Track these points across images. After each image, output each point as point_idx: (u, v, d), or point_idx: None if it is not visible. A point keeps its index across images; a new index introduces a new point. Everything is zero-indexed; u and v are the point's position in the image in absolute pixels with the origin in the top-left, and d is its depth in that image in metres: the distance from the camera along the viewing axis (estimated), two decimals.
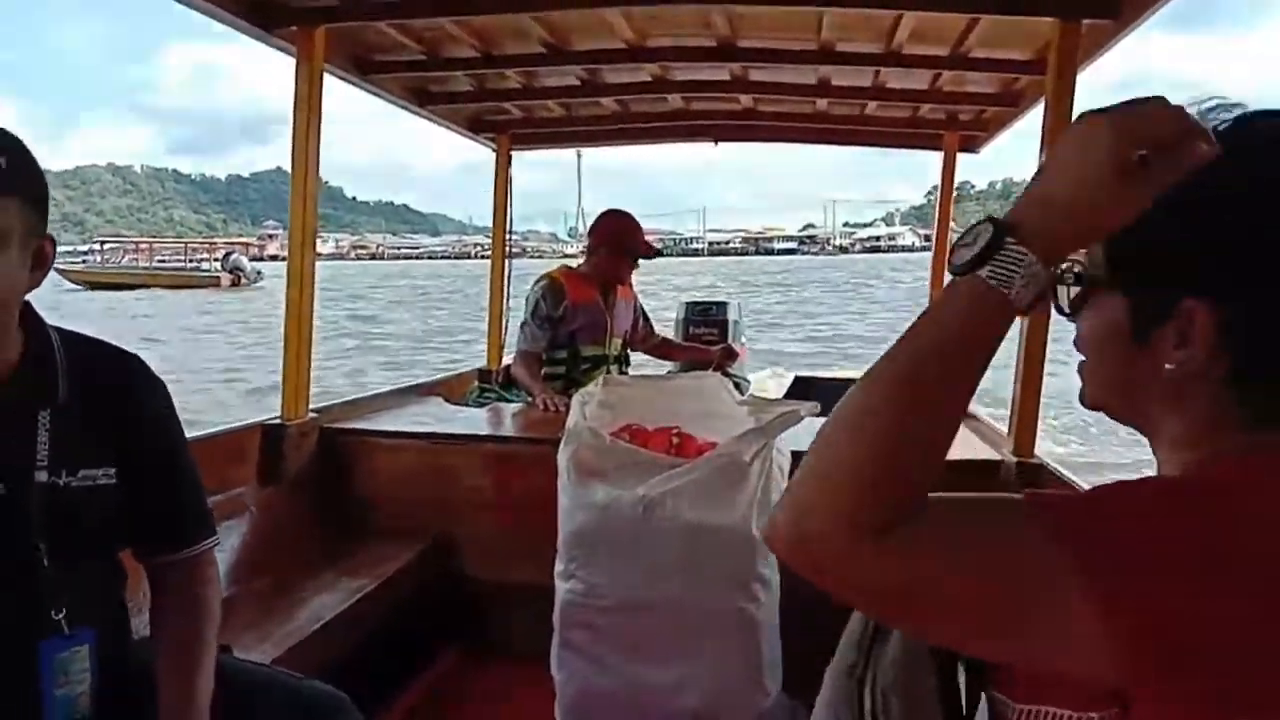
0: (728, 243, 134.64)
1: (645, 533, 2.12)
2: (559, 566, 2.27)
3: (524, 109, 4.20)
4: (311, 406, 3.03)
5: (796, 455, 2.36)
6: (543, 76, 3.73)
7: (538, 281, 3.54)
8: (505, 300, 4.62)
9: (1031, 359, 2.63)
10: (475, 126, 4.36)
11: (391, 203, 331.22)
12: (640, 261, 3.60)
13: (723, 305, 6.76)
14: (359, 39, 3.18)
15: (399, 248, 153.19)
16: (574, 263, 3.77)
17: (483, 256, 3.64)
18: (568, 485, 2.24)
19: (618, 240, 3.53)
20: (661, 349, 3.90)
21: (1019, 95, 3.57)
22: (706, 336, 5.98)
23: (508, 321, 4.51)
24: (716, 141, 4.55)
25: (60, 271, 46.41)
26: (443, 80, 3.74)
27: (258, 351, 16.39)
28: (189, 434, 1.57)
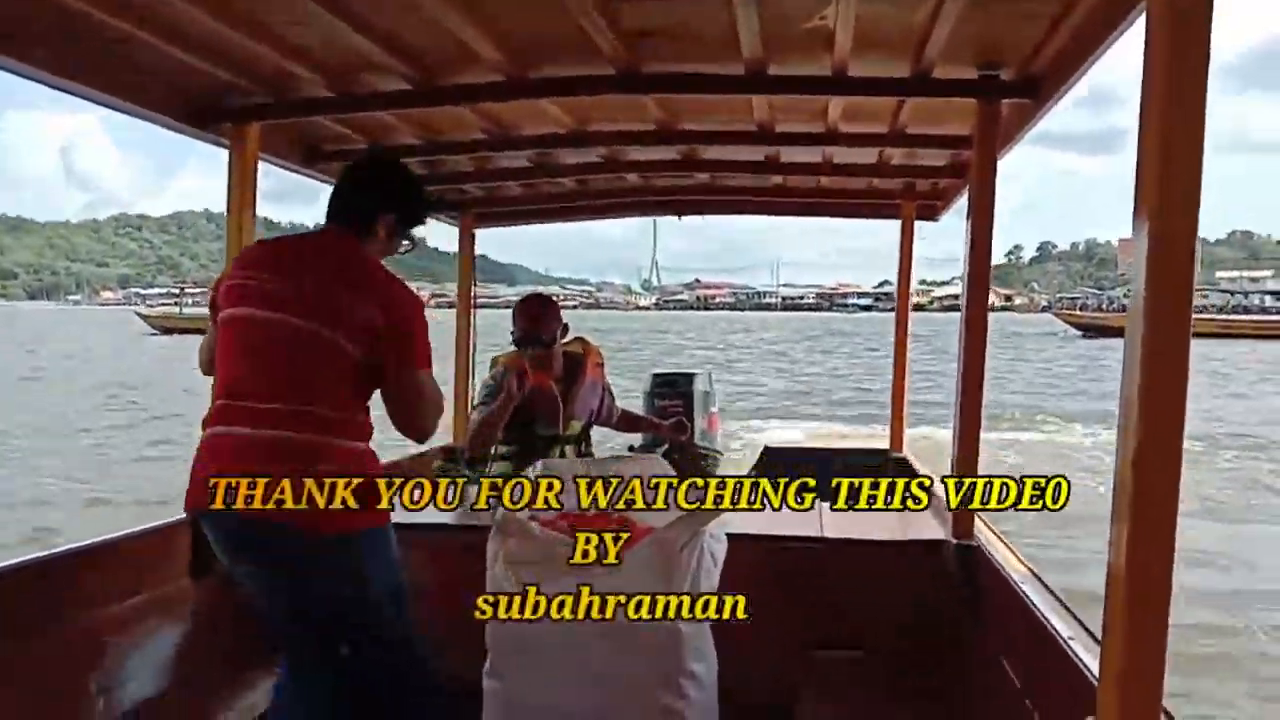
0: (801, 298, 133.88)
1: (573, 630, 2.02)
2: (487, 664, 2.17)
3: (483, 189, 4.18)
4: None
5: (733, 538, 2.24)
6: (497, 159, 3.71)
7: (492, 367, 3.44)
8: (470, 373, 4.54)
9: (965, 450, 2.54)
10: (436, 206, 4.28)
11: None
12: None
13: (689, 377, 6.70)
14: (300, 130, 3.17)
15: (478, 296, 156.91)
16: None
17: (564, 306, 3.48)
18: (495, 578, 2.15)
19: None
20: (619, 423, 3.76)
21: (965, 167, 3.46)
22: (671, 409, 5.80)
23: (474, 395, 4.31)
24: (680, 215, 4.54)
25: (140, 315, 48.30)
26: None
27: None
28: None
